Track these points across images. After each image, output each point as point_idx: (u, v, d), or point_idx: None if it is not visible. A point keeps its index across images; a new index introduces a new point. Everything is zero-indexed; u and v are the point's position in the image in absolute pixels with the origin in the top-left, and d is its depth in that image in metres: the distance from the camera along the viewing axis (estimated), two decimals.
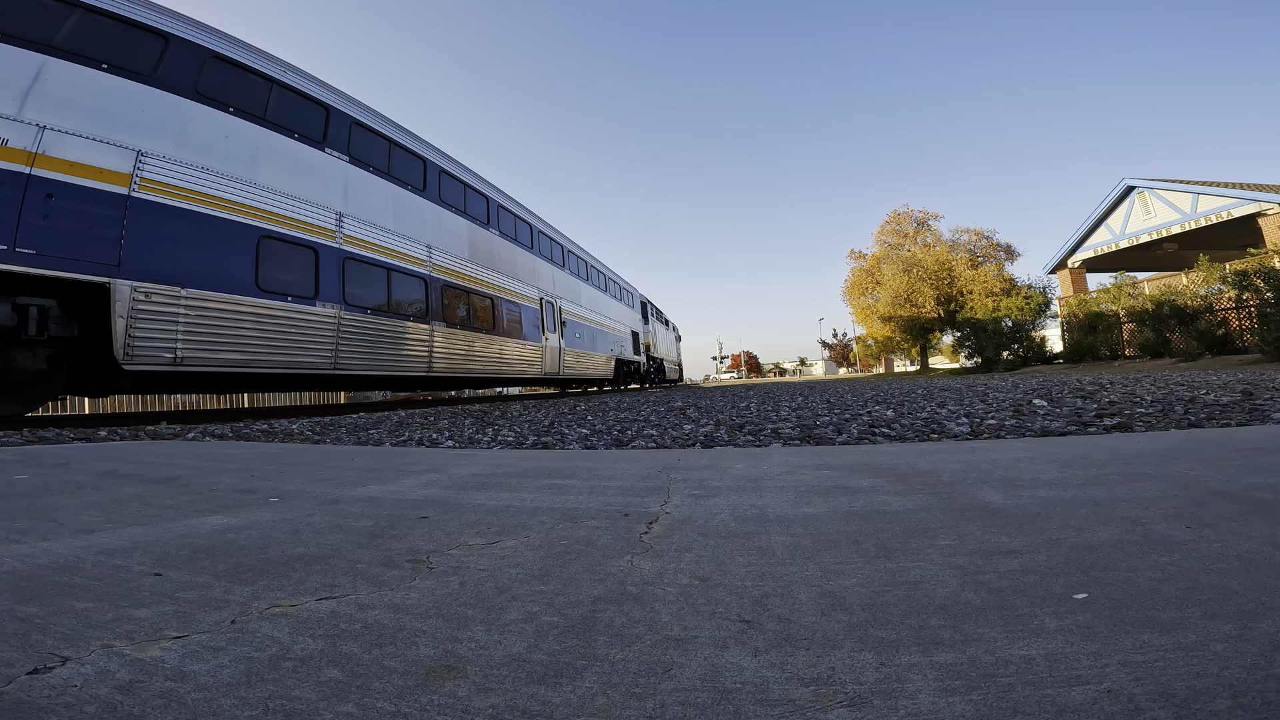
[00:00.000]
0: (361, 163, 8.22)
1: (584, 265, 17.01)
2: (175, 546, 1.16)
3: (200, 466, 2.30)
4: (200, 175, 5.99)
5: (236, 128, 6.51)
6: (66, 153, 5.04)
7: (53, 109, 5.05)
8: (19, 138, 4.79)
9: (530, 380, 13.16)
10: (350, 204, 7.85)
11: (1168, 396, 4.57)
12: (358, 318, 7.66)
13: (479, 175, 11.53)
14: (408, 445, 3.60)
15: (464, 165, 11.02)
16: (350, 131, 8.11)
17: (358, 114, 8.36)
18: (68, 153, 5.05)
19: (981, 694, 0.56)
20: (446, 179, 10.18)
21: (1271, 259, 13.98)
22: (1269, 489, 1.31)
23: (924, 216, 32.80)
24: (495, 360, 11.00)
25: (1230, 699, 0.53)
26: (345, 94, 8.30)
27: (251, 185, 6.51)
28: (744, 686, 0.60)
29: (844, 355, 75.43)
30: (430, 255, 9.30)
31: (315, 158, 7.48)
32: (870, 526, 1.17)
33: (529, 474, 1.95)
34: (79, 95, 5.26)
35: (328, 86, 8.01)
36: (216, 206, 6.12)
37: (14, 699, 0.59)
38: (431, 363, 9.11)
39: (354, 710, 0.57)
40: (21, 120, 4.86)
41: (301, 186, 7.15)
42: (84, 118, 5.25)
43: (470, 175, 11.15)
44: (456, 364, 9.75)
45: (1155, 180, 19.85)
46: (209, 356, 5.87)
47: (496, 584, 0.92)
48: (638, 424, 4.41)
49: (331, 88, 8.09)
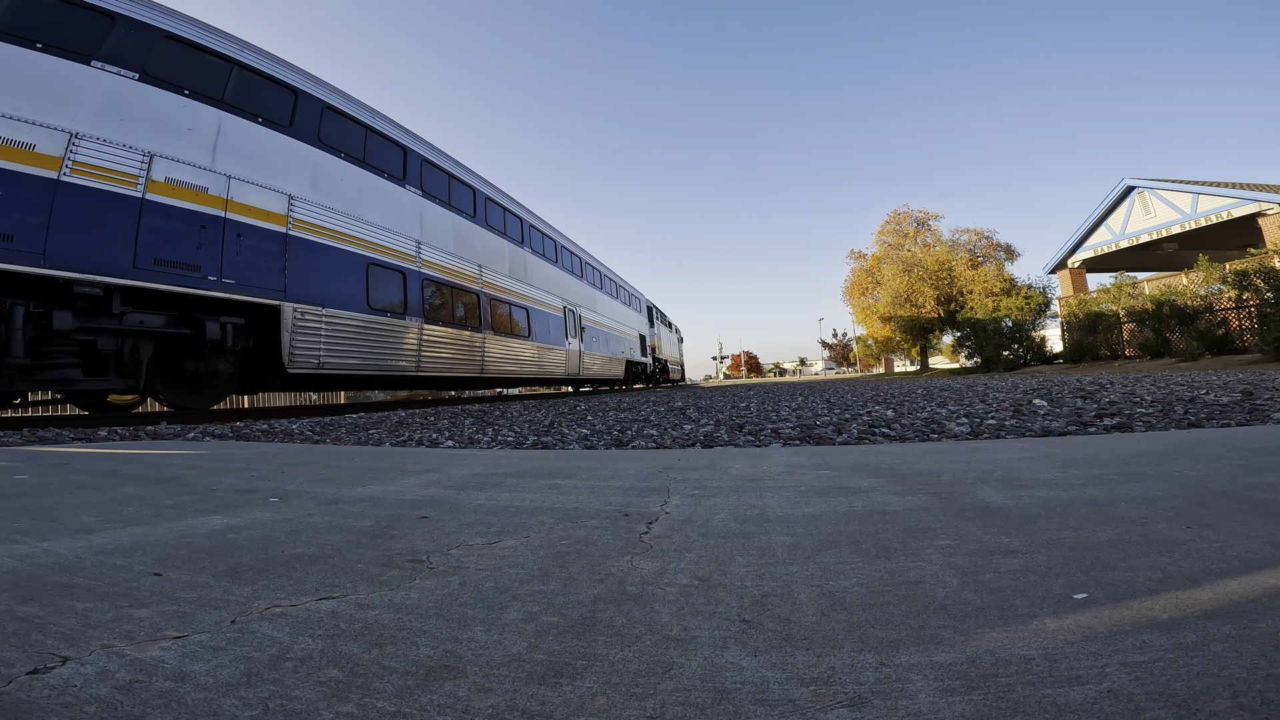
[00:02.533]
0: (431, 196, 9.54)
1: (598, 275, 18.35)
2: (175, 546, 1.16)
3: (200, 466, 2.30)
4: (328, 214, 7.31)
5: (348, 171, 7.78)
6: (247, 198, 6.29)
7: (233, 160, 6.25)
8: (216, 186, 6.02)
9: (556, 380, 14.57)
10: (425, 232, 9.19)
11: (1168, 396, 4.57)
12: (433, 328, 9.03)
13: (514, 198, 12.86)
14: (408, 445, 3.60)
15: (503, 190, 12.37)
16: (422, 168, 9.40)
17: (427, 153, 9.65)
18: (247, 198, 6.30)
19: (981, 694, 0.56)
20: (491, 205, 11.60)
21: (1271, 259, 13.98)
22: (1269, 489, 1.31)
23: (924, 216, 32.80)
24: (530, 363, 12.39)
25: (1230, 699, 0.53)
26: (416, 134, 9.57)
27: (360, 221, 7.84)
28: (744, 686, 0.60)
29: (844, 355, 75.39)
30: (481, 273, 10.71)
31: (399, 194, 8.77)
32: (870, 526, 1.17)
33: (529, 474, 1.95)
34: (248, 146, 6.44)
35: (404, 129, 9.24)
36: (340, 240, 7.47)
37: (14, 699, 0.59)
38: (484, 365, 10.49)
39: (354, 710, 0.57)
40: (215, 170, 6.04)
41: (392, 220, 8.47)
42: (253, 167, 6.45)
43: (508, 199, 12.49)
44: (502, 366, 11.14)
45: (1155, 180, 19.85)
46: (338, 361, 7.21)
47: (496, 584, 0.92)
48: (638, 424, 4.41)
49: (407, 129, 9.31)
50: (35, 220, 4.83)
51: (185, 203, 5.77)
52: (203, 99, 6.08)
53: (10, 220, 4.67)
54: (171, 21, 5.98)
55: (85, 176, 5.13)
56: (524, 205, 13.32)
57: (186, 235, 5.74)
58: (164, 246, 5.59)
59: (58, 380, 5.22)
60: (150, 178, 5.54)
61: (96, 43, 5.41)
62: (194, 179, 5.86)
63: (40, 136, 4.92)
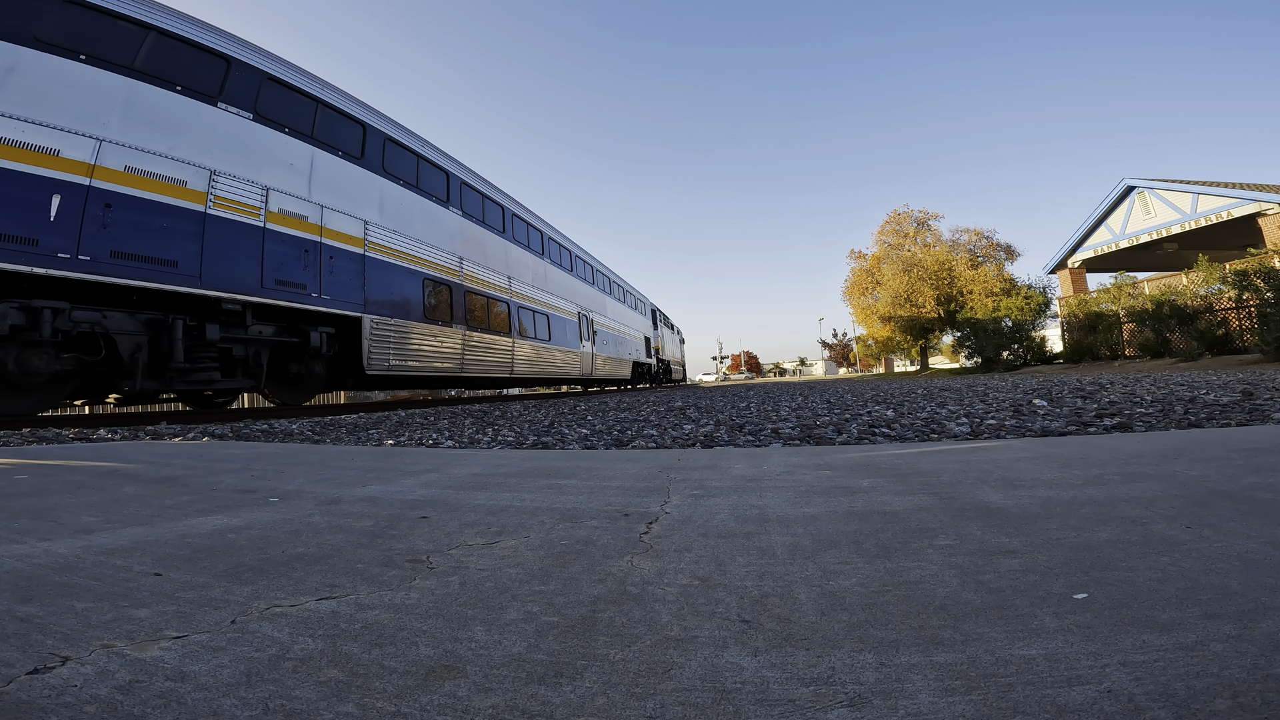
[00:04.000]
0: (469, 215, 10.70)
1: (607, 280, 19.51)
2: (175, 546, 1.16)
3: (200, 466, 2.30)
4: (393, 236, 8.38)
5: (405, 196, 8.82)
6: (335, 224, 7.36)
7: (324, 191, 7.29)
8: (313, 215, 7.08)
9: (572, 380, 15.74)
10: (465, 249, 10.35)
11: (1168, 396, 4.57)
12: (473, 334, 10.20)
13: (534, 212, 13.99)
14: (408, 445, 3.60)
15: (525, 205, 13.48)
16: (461, 190, 10.57)
17: (465, 175, 10.75)
18: (335, 224, 7.37)
19: (981, 694, 0.56)
20: (516, 220, 12.76)
21: (1271, 259, 13.98)
22: (1269, 489, 1.31)
23: (924, 216, 32.80)
24: (550, 364, 13.58)
25: (1230, 699, 0.53)
26: (455, 159, 10.60)
27: (417, 241, 8.94)
28: (744, 686, 0.60)
29: (844, 355, 75.38)
30: (510, 284, 11.88)
31: (445, 215, 9.90)
32: (870, 526, 1.17)
33: (529, 474, 1.95)
34: (333, 177, 7.46)
35: (448, 155, 10.31)
36: (403, 259, 8.56)
37: (14, 699, 0.59)
38: (513, 367, 11.64)
39: (354, 710, 0.57)
40: (311, 200, 7.09)
41: (440, 239, 9.59)
42: (338, 196, 7.49)
43: (530, 214, 13.64)
44: (528, 367, 12.31)
45: (1155, 180, 19.85)
46: (403, 364, 8.28)
47: (496, 584, 0.92)
48: (638, 424, 4.41)
49: (449, 155, 10.36)
50: (192, 249, 5.75)
51: (293, 230, 6.85)
52: (299, 136, 7.09)
53: (176, 249, 5.66)
54: (273, 65, 6.95)
55: (223, 209, 6.09)
56: (542, 218, 14.50)
57: (296, 259, 6.82)
58: (281, 269, 6.63)
59: (204, 381, 6.14)
60: (268, 209, 6.55)
61: (219, 85, 6.29)
62: (298, 209, 6.93)
63: (190, 174, 5.82)
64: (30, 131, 4.85)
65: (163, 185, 5.60)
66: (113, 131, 5.34)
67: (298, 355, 7.22)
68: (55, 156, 4.97)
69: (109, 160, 5.27)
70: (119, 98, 5.45)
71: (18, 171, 4.76)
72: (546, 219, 14.72)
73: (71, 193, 5.01)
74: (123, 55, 5.54)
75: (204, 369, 6.08)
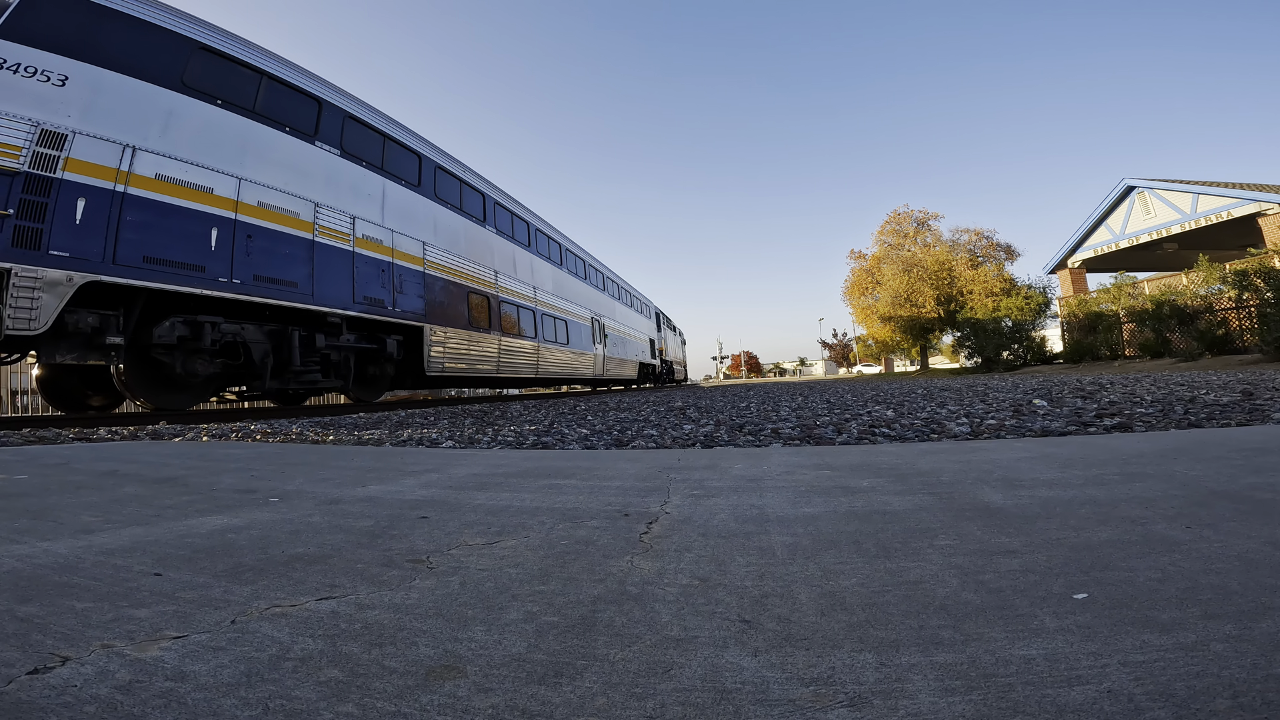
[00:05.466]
0: (502, 232, 11.96)
1: (616, 287, 20.62)
2: (175, 546, 1.16)
3: (200, 466, 2.30)
4: (445, 254, 9.61)
5: (453, 219, 10.09)
6: (403, 247, 8.57)
7: (394, 217, 8.42)
8: (387, 239, 8.21)
9: (585, 380, 17.18)
10: (499, 263, 11.59)
11: (1168, 396, 4.57)
12: (507, 339, 11.47)
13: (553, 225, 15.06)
14: (408, 445, 3.60)
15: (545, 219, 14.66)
16: (495, 209, 11.79)
17: (498, 196, 11.99)
18: (403, 247, 8.57)
19: (981, 694, 0.56)
20: (539, 234, 14.07)
21: (1271, 259, 13.98)
22: (1269, 489, 1.31)
23: (924, 216, 32.81)
24: (568, 366, 14.87)
25: (1230, 699, 0.53)
26: (491, 181, 11.85)
27: (462, 258, 10.18)
28: (744, 686, 0.60)
29: (844, 355, 75.35)
30: (535, 293, 13.11)
31: (483, 233, 11.15)
32: (870, 526, 1.17)
33: (529, 474, 1.95)
34: (399, 204, 8.62)
35: (483, 178, 11.51)
36: (453, 275, 9.78)
37: (14, 699, 0.59)
38: (538, 368, 12.90)
39: (354, 710, 0.57)
40: (385, 226, 8.22)
41: (480, 255, 10.86)
42: (404, 221, 8.66)
43: (549, 227, 14.79)
44: (550, 369, 13.63)
45: (1155, 180, 19.85)
46: (453, 366, 9.61)
47: (496, 584, 0.92)
48: (637, 424, 4.41)
49: (485, 179, 11.59)
50: (306, 271, 6.92)
51: (373, 253, 7.97)
52: (373, 168, 8.19)
53: (296, 272, 6.80)
54: (352, 105, 8.00)
55: (326, 236, 7.25)
56: (560, 230, 15.69)
57: (375, 277, 7.97)
58: (366, 286, 7.79)
59: (310, 381, 7.32)
60: (355, 235, 7.67)
61: (315, 125, 7.34)
62: (375, 234, 8.02)
63: (302, 207, 6.97)
64: (192, 172, 5.84)
65: (285, 218, 6.75)
66: (248, 170, 6.37)
67: (374, 359, 8.42)
68: (210, 194, 5.97)
69: (247, 196, 6.32)
70: (247, 139, 6.44)
71: (187, 208, 5.79)
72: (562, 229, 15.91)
73: (224, 226, 6.07)
74: (246, 99, 6.54)
75: (311, 371, 7.26)
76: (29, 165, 4.83)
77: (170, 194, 5.68)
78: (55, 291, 4.89)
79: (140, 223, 5.44)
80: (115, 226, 5.27)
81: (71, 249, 5.00)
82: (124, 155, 5.40)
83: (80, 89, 5.21)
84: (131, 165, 5.43)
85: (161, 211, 5.60)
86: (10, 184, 4.74)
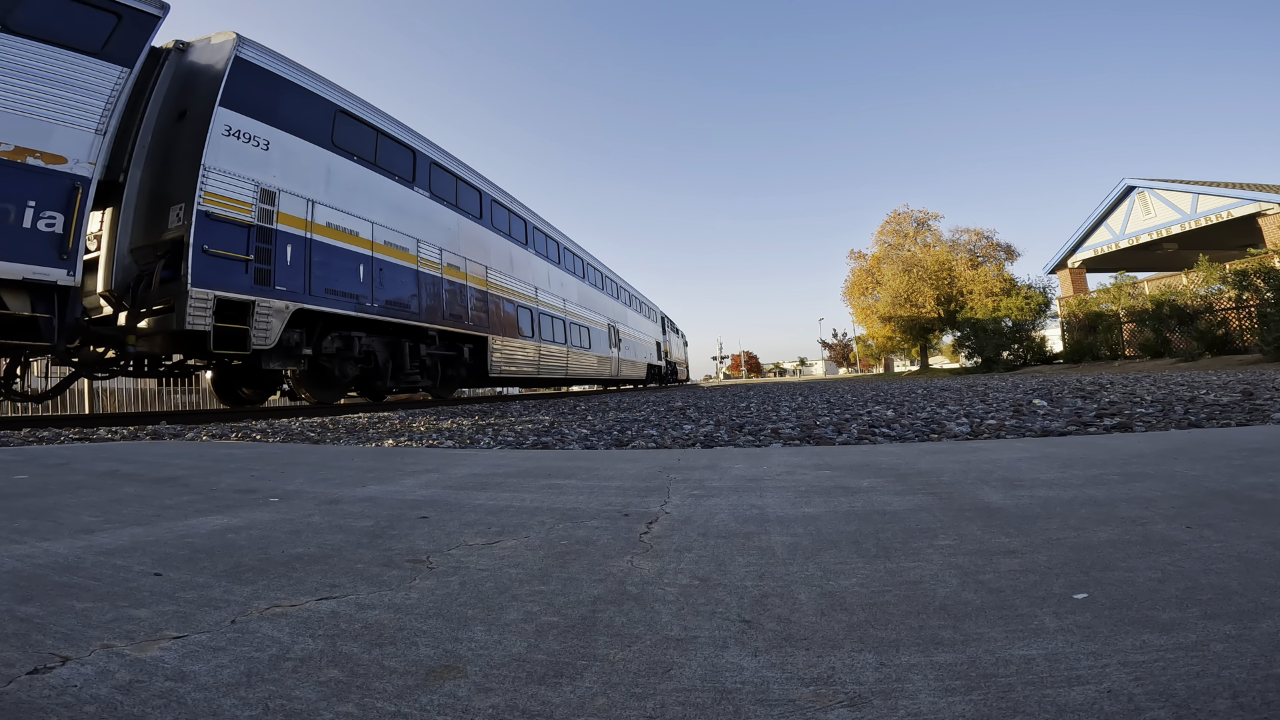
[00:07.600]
0: (538, 252, 13.87)
1: (627, 294, 22.49)
2: (175, 546, 1.16)
3: (200, 466, 2.30)
4: (501, 276, 11.61)
5: (504, 244, 12.00)
6: (473, 270, 10.51)
7: (466, 246, 10.39)
8: (462, 265, 10.16)
9: (603, 380, 19.34)
10: (537, 279, 13.48)
11: (1168, 396, 4.57)
12: (545, 345, 13.41)
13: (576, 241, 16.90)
14: (408, 445, 3.60)
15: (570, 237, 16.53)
16: (535, 234, 13.75)
17: (536, 221, 13.91)
18: (473, 270, 10.51)
19: (981, 694, 0.56)
20: (566, 251, 15.99)
21: (1271, 259, 13.98)
22: (1269, 489, 1.31)
23: (924, 216, 32.80)
24: (590, 368, 16.85)
25: (1230, 699, 0.53)
26: (530, 208, 13.65)
27: (512, 278, 12.14)
28: (744, 686, 0.60)
29: (844, 355, 75.36)
30: (564, 305, 15.13)
31: (525, 255, 13.08)
32: (870, 526, 1.17)
33: (529, 474, 1.95)
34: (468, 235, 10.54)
35: (525, 206, 13.33)
36: (506, 293, 11.79)
37: (14, 699, 0.59)
38: (567, 370, 14.93)
39: (354, 710, 0.57)
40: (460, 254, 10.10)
41: (524, 274, 12.75)
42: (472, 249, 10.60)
43: (574, 244, 16.70)
44: (576, 371, 15.68)
45: (1155, 180, 19.84)
46: (509, 369, 11.59)
47: (496, 584, 0.92)
48: (638, 424, 4.41)
49: (525, 205, 13.37)
50: (414, 294, 8.77)
51: (454, 278, 9.89)
52: (450, 206, 10.07)
53: (408, 296, 8.65)
54: (435, 153, 9.75)
55: (424, 266, 9.07)
56: (582, 246, 17.52)
57: (456, 296, 9.89)
58: (450, 305, 9.69)
59: (413, 383, 9.36)
60: (443, 263, 9.56)
61: (412, 173, 9.05)
62: (455, 261, 9.97)
63: (408, 243, 8.75)
64: (346, 219, 7.55)
65: (400, 253, 8.53)
66: (375, 214, 8.04)
67: (453, 364, 10.28)
68: (356, 236, 7.69)
69: (378, 237, 8.07)
70: (372, 188, 8.07)
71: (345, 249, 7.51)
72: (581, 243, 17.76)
73: (366, 261, 7.83)
74: (369, 153, 8.13)
75: (414, 374, 9.13)
76: (257, 219, 6.30)
77: (335, 238, 7.37)
78: (280, 316, 6.53)
79: (321, 262, 7.11)
80: (309, 265, 6.93)
81: (288, 285, 6.64)
82: (308, 208, 7.01)
83: (278, 152, 6.61)
84: (312, 216, 7.04)
85: (332, 252, 7.30)
86: (247, 234, 6.18)
